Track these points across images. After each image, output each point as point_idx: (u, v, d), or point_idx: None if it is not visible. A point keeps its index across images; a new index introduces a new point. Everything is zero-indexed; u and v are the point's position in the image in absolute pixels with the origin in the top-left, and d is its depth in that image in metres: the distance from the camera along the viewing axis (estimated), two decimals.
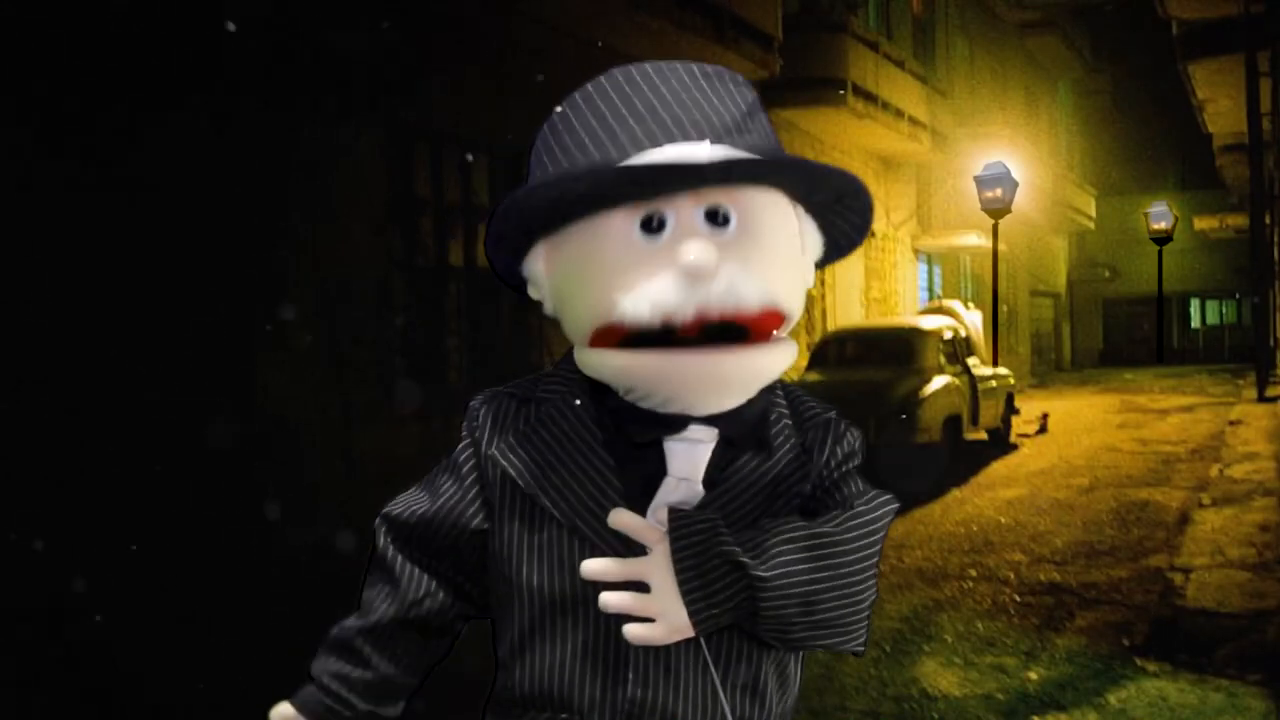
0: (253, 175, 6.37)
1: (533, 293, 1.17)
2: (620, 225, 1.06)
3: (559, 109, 1.12)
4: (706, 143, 1.04)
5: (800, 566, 1.05)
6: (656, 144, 1.04)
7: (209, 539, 5.48)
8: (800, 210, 1.14)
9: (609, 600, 1.05)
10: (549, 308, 1.16)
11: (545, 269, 1.13)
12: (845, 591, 1.07)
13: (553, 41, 8.89)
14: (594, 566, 1.06)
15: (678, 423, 1.09)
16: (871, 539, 1.10)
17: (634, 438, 1.10)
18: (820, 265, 1.21)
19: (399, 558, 1.21)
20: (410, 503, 1.22)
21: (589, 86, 1.11)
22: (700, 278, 1.02)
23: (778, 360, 1.09)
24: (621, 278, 1.04)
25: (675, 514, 1.05)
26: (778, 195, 1.10)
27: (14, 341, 5.19)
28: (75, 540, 5.08)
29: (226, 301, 6.22)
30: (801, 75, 13.14)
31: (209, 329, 6.12)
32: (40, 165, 5.53)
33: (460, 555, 1.19)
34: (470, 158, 8.68)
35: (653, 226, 1.05)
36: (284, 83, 6.68)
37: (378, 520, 1.24)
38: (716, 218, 1.06)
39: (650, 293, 1.03)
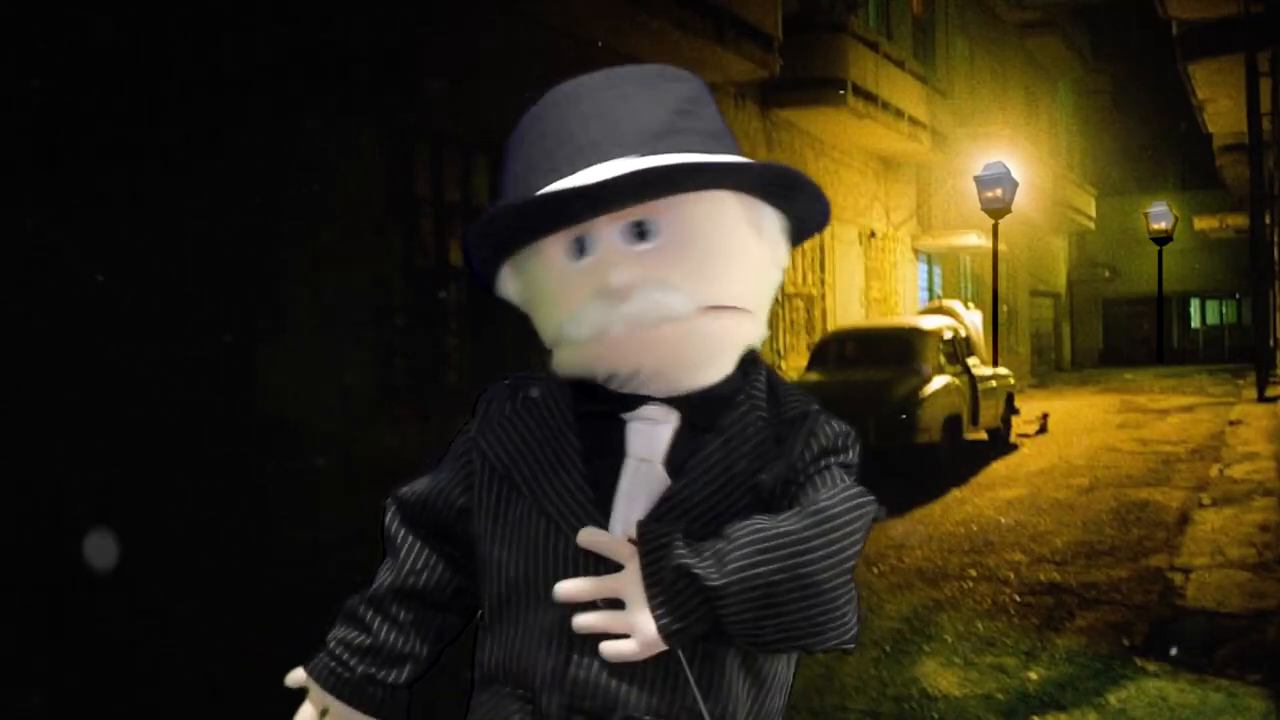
0: (253, 175, 6.38)
1: (513, 300, 1.23)
2: (554, 252, 1.12)
3: (515, 129, 1.17)
4: (625, 159, 1.06)
5: (758, 570, 1.03)
6: (576, 168, 1.07)
7: (209, 538, 5.48)
8: (747, 196, 1.14)
9: (582, 623, 1.07)
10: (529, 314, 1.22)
11: (513, 290, 1.20)
12: (811, 591, 1.04)
13: (553, 41, 8.89)
14: (568, 588, 1.08)
15: (635, 401, 1.12)
16: (839, 535, 1.06)
17: (586, 409, 1.15)
18: (796, 242, 1.21)
19: (400, 532, 1.28)
20: (415, 484, 1.29)
21: (532, 110, 1.15)
22: (622, 297, 1.07)
23: (723, 325, 1.11)
24: (559, 300, 1.12)
25: (642, 527, 1.06)
26: (712, 193, 1.11)
27: (14, 341, 5.19)
28: (75, 540, 5.08)
29: (227, 301, 6.22)
30: (801, 75, 13.15)
31: (209, 329, 6.12)
32: (40, 165, 5.53)
33: (453, 530, 1.25)
34: (471, 157, 8.68)
35: (580, 250, 1.10)
36: (284, 83, 6.68)
37: (388, 499, 1.31)
38: (639, 232, 1.09)
39: (580, 315, 1.09)
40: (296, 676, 1.29)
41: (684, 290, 1.07)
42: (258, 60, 6.50)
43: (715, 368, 1.13)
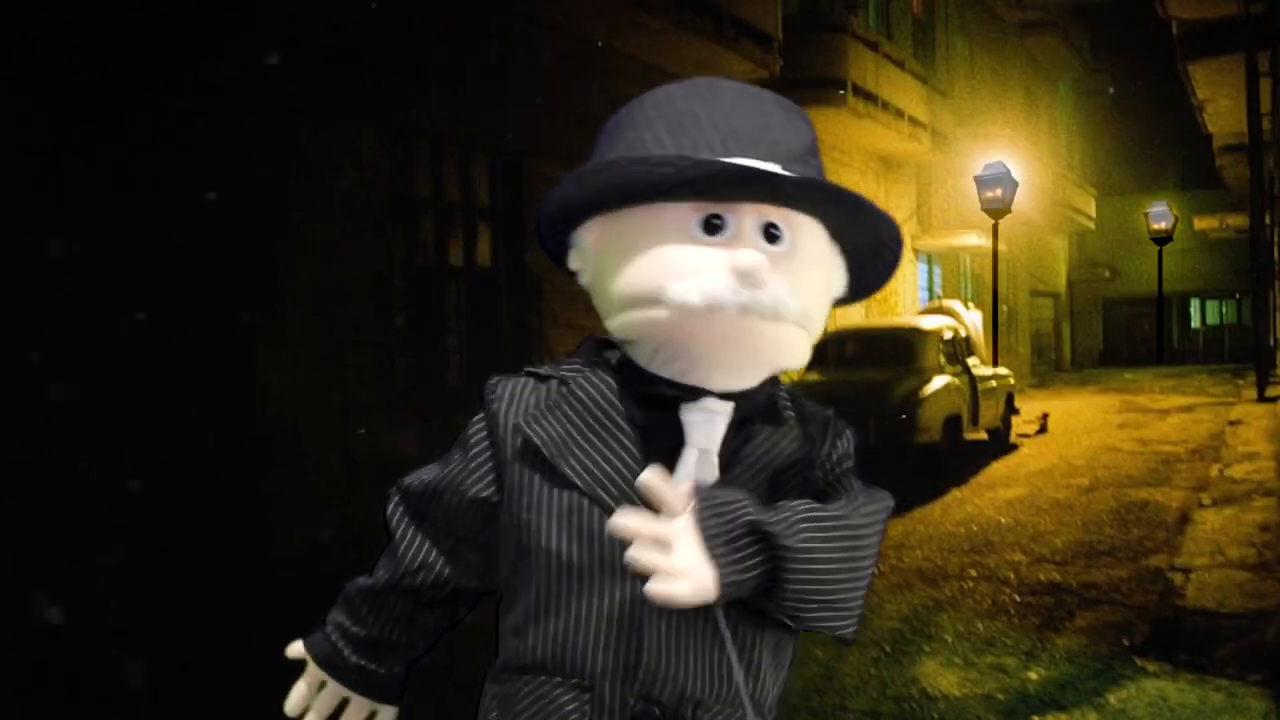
0: (253, 175, 6.38)
1: (573, 262, 1.20)
2: (682, 217, 1.10)
3: (639, 99, 1.17)
4: (775, 165, 1.09)
5: (821, 545, 1.08)
6: (730, 155, 1.09)
7: (209, 538, 5.48)
8: (836, 248, 1.20)
9: (634, 558, 1.05)
10: (585, 279, 1.20)
11: (595, 242, 1.17)
12: (855, 575, 1.11)
13: (553, 41, 8.90)
14: (623, 522, 1.06)
15: (694, 393, 1.13)
16: (877, 528, 1.15)
17: (649, 393, 1.14)
18: (835, 305, 1.25)
19: (402, 525, 1.28)
20: (422, 473, 1.28)
21: (674, 87, 1.16)
22: (752, 282, 1.07)
23: (802, 344, 1.15)
24: (676, 265, 1.09)
25: (703, 488, 1.08)
26: (822, 229, 1.16)
27: (14, 341, 5.19)
28: (75, 540, 5.08)
29: (226, 301, 6.22)
30: (801, 75, 13.13)
31: (209, 329, 6.12)
32: (39, 167, 5.53)
33: (462, 524, 1.24)
34: (470, 158, 8.68)
35: (713, 226, 1.10)
36: (284, 82, 6.68)
37: (393, 489, 1.31)
38: (771, 233, 1.11)
39: (702, 283, 1.07)
40: (296, 649, 1.32)
41: (799, 303, 1.11)
42: (258, 60, 6.50)
43: (768, 373, 1.17)
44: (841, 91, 13.76)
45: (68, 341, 5.38)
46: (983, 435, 11.92)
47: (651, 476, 1.07)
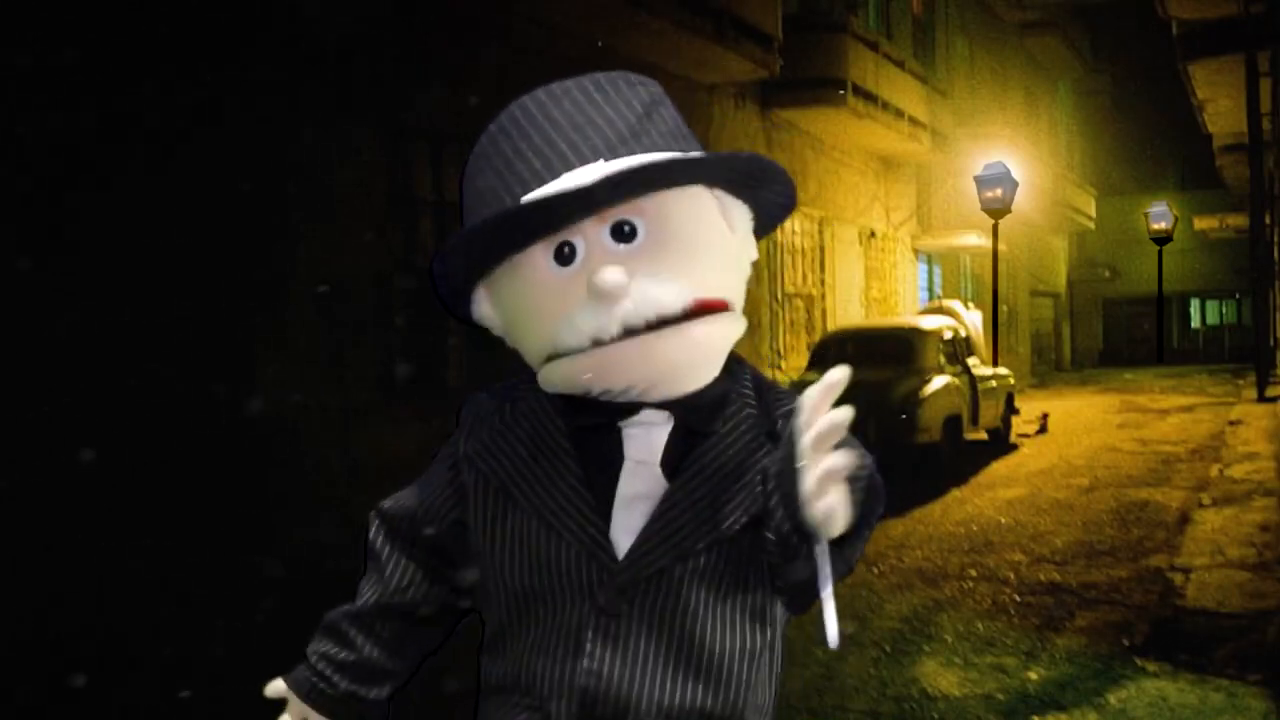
0: (253, 174, 6.37)
1: (488, 325, 1.21)
2: (537, 261, 1.11)
3: (473, 150, 1.17)
4: (600, 162, 1.08)
5: (870, 471, 1.05)
6: (554, 175, 1.08)
7: (209, 538, 5.48)
8: (719, 191, 1.16)
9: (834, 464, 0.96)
10: (508, 342, 1.20)
11: (490, 310, 1.19)
12: (878, 506, 1.08)
13: (553, 41, 8.89)
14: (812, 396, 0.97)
15: (630, 408, 1.12)
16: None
17: (582, 423, 1.14)
18: (760, 235, 1.22)
19: (386, 547, 1.28)
20: (400, 497, 1.29)
21: (493, 124, 1.15)
22: (614, 298, 1.06)
23: (715, 330, 1.11)
24: (549, 309, 1.10)
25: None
26: (687, 189, 1.12)
27: (13, 341, 5.19)
28: (75, 539, 5.09)
29: (227, 301, 6.22)
30: (801, 75, 13.14)
31: (209, 328, 6.12)
32: (39, 167, 5.53)
33: (444, 545, 1.24)
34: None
35: (565, 256, 1.10)
36: (284, 82, 6.68)
37: (372, 513, 1.31)
38: (623, 232, 1.09)
39: (574, 321, 1.07)
40: (276, 688, 1.30)
41: (675, 283, 1.08)
42: (258, 60, 6.50)
43: (706, 371, 1.14)
44: (841, 91, 13.76)
45: (68, 341, 5.38)
46: (983, 435, 11.92)
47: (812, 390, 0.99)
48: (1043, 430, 13.76)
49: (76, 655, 4.51)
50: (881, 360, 10.55)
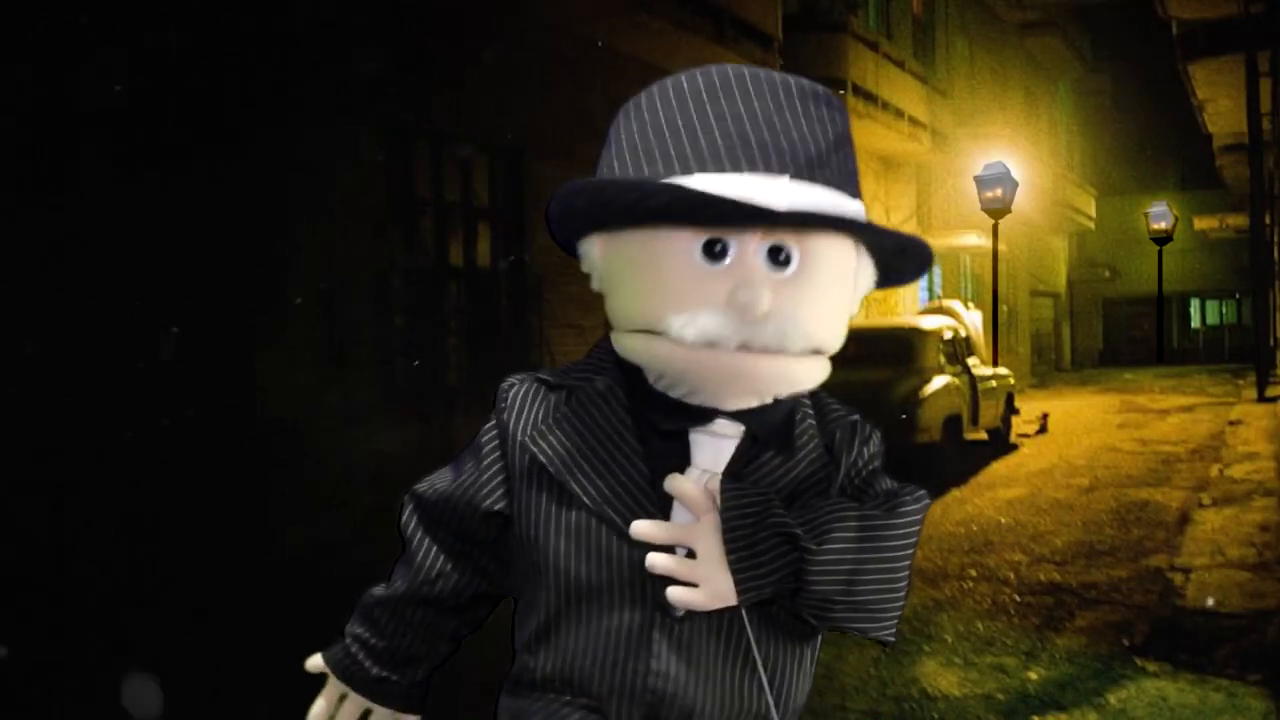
0: (253, 175, 6.37)
1: (584, 265, 1.17)
2: (683, 243, 1.06)
3: (645, 94, 1.11)
4: (785, 179, 1.04)
5: (849, 545, 1.07)
6: (737, 169, 1.04)
7: (209, 538, 5.48)
8: (861, 248, 1.15)
9: (655, 562, 1.05)
10: (596, 287, 1.17)
11: (600, 256, 1.14)
12: (887, 576, 1.10)
13: (553, 41, 8.90)
14: (642, 528, 1.06)
15: (704, 415, 1.11)
16: (913, 528, 1.14)
17: (659, 426, 1.12)
18: (878, 287, 1.22)
19: (418, 534, 1.25)
20: (435, 480, 1.25)
21: (682, 79, 1.10)
22: (752, 317, 1.04)
23: (811, 372, 1.11)
24: (675, 294, 1.06)
25: (728, 484, 1.06)
26: (839, 239, 1.11)
27: (13, 341, 5.19)
28: (75, 539, 5.09)
29: (227, 301, 6.22)
30: (801, 75, 13.13)
31: (209, 329, 6.12)
32: (40, 167, 5.53)
33: (477, 534, 1.21)
34: (469, 156, 8.68)
35: (715, 251, 1.06)
36: (284, 82, 6.68)
37: (405, 496, 1.28)
38: (779, 256, 1.07)
39: (699, 319, 1.04)
40: (315, 663, 1.30)
41: (807, 329, 1.07)
42: (257, 60, 6.50)
43: (776, 397, 1.14)
44: (841, 91, 13.75)
45: (67, 341, 5.38)
46: (983, 435, 11.92)
47: (679, 480, 1.07)
48: (1043, 430, 13.76)
49: (76, 655, 4.51)
50: (881, 360, 10.54)
